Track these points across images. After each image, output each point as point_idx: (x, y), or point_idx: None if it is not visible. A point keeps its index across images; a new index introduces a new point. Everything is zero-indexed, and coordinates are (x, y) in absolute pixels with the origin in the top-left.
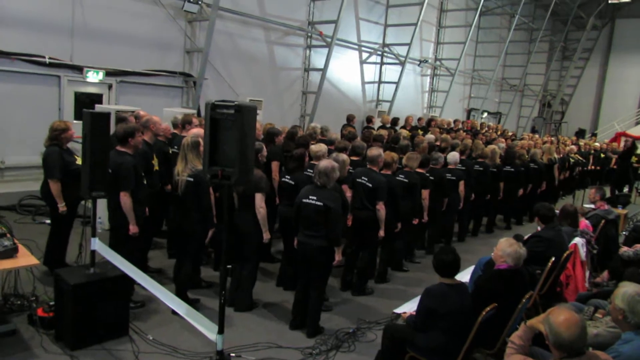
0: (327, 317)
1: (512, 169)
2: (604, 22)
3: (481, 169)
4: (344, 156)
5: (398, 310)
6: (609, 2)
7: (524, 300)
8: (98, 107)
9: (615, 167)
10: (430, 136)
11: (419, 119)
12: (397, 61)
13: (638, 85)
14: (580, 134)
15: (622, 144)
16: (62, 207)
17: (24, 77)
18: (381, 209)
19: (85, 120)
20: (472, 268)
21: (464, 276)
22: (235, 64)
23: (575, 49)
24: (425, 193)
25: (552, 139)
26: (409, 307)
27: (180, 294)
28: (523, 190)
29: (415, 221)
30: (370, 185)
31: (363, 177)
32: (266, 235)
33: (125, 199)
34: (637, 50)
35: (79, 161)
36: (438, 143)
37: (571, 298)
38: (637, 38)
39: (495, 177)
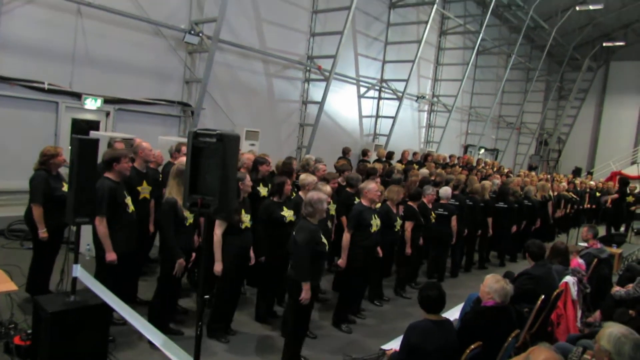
0: (313, 352)
1: (505, 205)
2: (599, 64)
3: (471, 203)
4: (326, 187)
5: (385, 347)
6: (604, 45)
7: (510, 339)
8: (93, 134)
9: (610, 206)
10: (424, 170)
11: (415, 154)
12: (394, 96)
13: (632, 126)
14: (577, 172)
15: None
16: (42, 232)
17: (22, 102)
18: (344, 237)
19: (73, 145)
20: (462, 305)
21: (455, 313)
22: (233, 95)
23: (571, 89)
24: (407, 225)
25: (547, 176)
26: (398, 344)
27: (152, 322)
28: (517, 227)
29: (380, 253)
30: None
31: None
32: (217, 266)
33: (97, 225)
34: (631, 92)
35: (66, 188)
36: (433, 177)
37: (562, 338)
38: (630, 80)
39: (485, 213)
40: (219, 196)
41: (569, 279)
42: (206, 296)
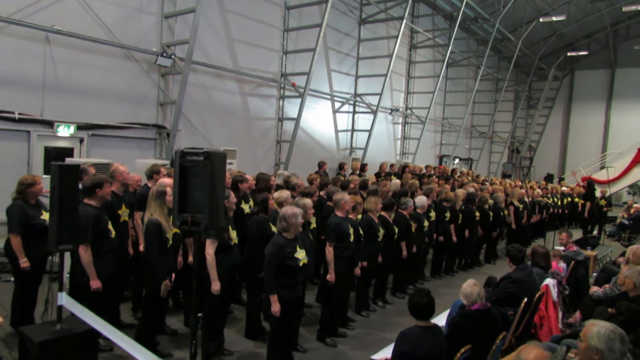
0: None
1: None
2: (564, 73)
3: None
4: (306, 200)
5: (376, 357)
6: (568, 54)
7: (497, 341)
8: (68, 161)
9: (581, 210)
10: (396, 181)
11: (392, 165)
12: (369, 110)
13: (599, 132)
14: (549, 178)
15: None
16: (23, 262)
17: None
18: (328, 251)
19: (53, 172)
20: (448, 311)
21: (440, 320)
22: (209, 115)
23: (539, 98)
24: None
25: (520, 183)
26: (387, 353)
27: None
28: (483, 232)
29: (364, 264)
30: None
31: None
32: (214, 285)
33: (82, 253)
34: (595, 99)
35: (45, 216)
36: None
37: (545, 339)
38: (595, 88)
39: (454, 220)
40: (209, 214)
41: (549, 281)
42: (199, 314)
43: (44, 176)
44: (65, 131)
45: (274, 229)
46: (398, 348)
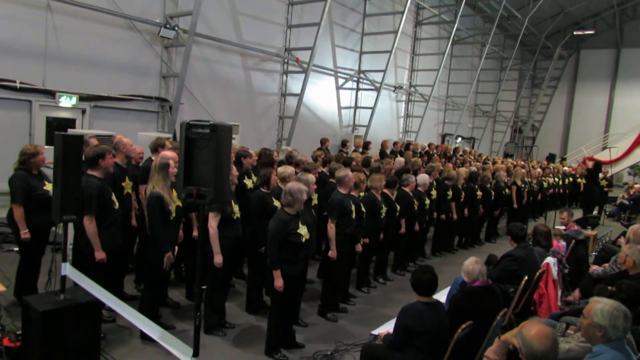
0: (305, 339)
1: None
2: (570, 53)
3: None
4: (309, 176)
5: (376, 332)
6: (574, 33)
7: (498, 318)
8: (71, 132)
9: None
10: (400, 159)
11: (395, 143)
12: (372, 87)
13: (602, 112)
14: (551, 158)
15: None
16: (24, 233)
17: None
18: (329, 227)
19: (56, 143)
20: (448, 288)
21: (440, 297)
22: (211, 89)
23: (544, 77)
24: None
25: (523, 163)
26: (387, 329)
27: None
28: (485, 211)
29: (366, 240)
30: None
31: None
32: (217, 258)
33: (87, 224)
34: (600, 79)
35: (48, 187)
36: (409, 167)
37: (545, 316)
38: (600, 68)
39: (457, 198)
40: (214, 187)
41: (549, 259)
42: (203, 287)
43: (46, 147)
44: (67, 102)
45: (276, 203)
46: (400, 322)
